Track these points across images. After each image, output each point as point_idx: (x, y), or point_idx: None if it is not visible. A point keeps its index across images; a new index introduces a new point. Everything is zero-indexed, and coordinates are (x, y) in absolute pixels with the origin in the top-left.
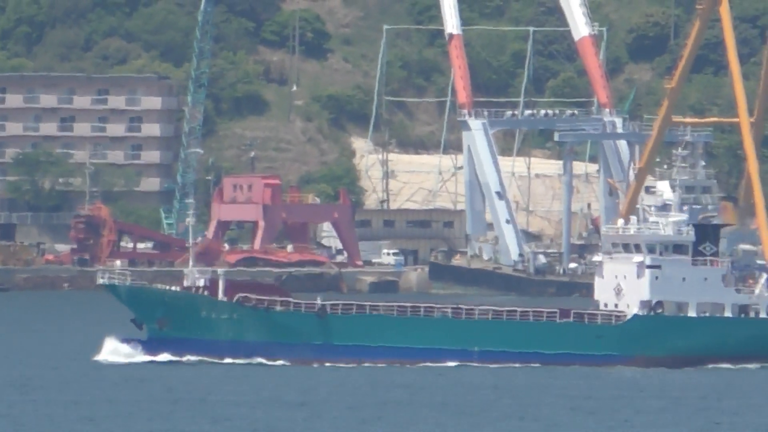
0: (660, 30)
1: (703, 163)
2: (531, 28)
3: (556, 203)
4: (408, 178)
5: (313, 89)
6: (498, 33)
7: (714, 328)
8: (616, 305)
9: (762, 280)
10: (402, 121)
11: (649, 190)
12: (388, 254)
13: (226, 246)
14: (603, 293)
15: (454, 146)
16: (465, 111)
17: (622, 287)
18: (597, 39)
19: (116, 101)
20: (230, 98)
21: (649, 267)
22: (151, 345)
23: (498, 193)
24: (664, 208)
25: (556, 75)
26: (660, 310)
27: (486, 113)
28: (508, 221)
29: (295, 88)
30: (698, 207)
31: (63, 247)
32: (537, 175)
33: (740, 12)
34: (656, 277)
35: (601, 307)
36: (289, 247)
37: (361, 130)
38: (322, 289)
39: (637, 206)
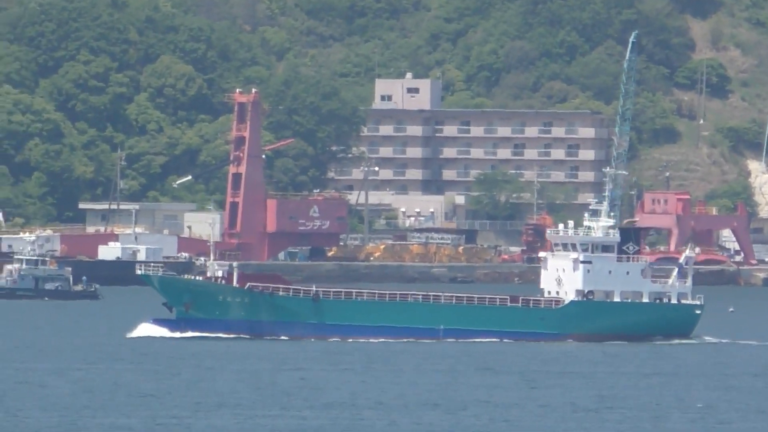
0: None
1: None
2: None
3: None
4: None
5: (717, 122)
6: None
7: (634, 311)
8: (557, 293)
9: (674, 273)
10: None
11: None
12: None
13: (646, 248)
14: (547, 283)
15: None
16: None
17: (561, 278)
18: None
19: (558, 131)
20: (649, 129)
21: (582, 262)
22: (178, 324)
23: None
24: None
25: None
26: (591, 297)
27: None
28: None
29: (702, 121)
30: None
31: (515, 249)
32: None
33: None
34: (588, 271)
35: (545, 294)
36: (697, 249)
37: (756, 155)
38: (723, 283)
39: None
